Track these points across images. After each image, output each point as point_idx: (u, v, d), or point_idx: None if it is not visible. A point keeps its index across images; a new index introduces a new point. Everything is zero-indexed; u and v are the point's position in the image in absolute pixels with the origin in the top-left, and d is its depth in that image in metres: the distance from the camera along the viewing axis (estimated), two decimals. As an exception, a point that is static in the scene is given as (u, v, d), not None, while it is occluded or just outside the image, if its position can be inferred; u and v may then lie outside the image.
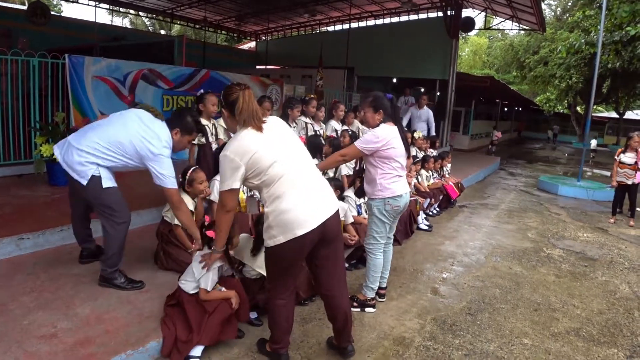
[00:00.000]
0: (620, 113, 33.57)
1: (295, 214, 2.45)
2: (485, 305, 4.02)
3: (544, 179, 11.46)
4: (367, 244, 3.69)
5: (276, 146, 2.52)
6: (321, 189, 2.63)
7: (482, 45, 41.84)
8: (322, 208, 2.55)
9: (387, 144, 3.41)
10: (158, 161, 3.22)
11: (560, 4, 34.01)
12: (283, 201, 2.46)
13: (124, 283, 3.44)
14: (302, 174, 2.55)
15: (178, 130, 3.37)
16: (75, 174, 3.20)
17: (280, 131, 2.63)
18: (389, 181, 3.50)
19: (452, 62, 15.01)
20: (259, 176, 2.48)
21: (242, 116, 2.51)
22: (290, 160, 2.54)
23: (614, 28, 15.84)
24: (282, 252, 2.52)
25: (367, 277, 3.67)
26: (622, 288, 4.80)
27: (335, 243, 2.68)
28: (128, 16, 26.16)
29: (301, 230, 2.45)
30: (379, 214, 3.56)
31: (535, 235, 6.63)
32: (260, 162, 2.45)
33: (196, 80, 8.45)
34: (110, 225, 3.34)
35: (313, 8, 16.82)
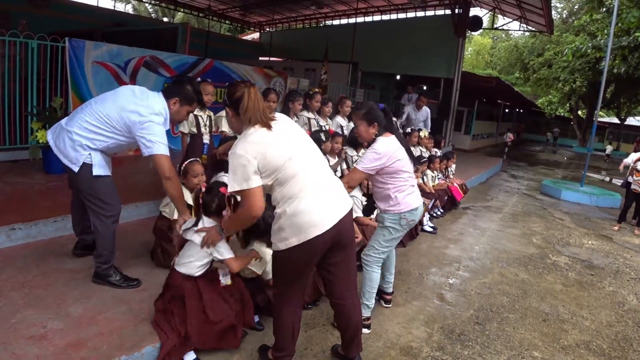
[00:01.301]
0: (622, 119, 33.54)
1: (309, 214, 2.32)
2: (493, 314, 3.89)
3: (547, 183, 11.34)
4: (366, 255, 3.37)
5: (288, 143, 2.38)
6: (334, 187, 2.49)
7: (486, 45, 41.65)
8: (336, 207, 2.42)
9: (392, 158, 3.15)
10: (146, 128, 2.98)
11: (566, 7, 33.84)
12: (296, 201, 2.32)
13: (119, 280, 3.28)
14: (315, 173, 2.42)
15: (177, 100, 3.16)
16: (67, 160, 3.05)
17: (289, 128, 2.48)
18: (404, 194, 3.26)
19: (457, 61, 14.83)
20: (273, 174, 2.32)
21: (247, 114, 2.36)
22: (303, 158, 2.39)
23: (621, 33, 15.69)
24: (295, 255, 2.37)
25: (363, 293, 3.33)
26: (630, 299, 4.69)
27: (348, 248, 2.54)
28: (131, 2, 25.86)
29: (316, 231, 2.31)
30: (392, 229, 3.29)
31: (540, 241, 6.50)
32: (273, 161, 2.30)
33: (199, 69, 8.28)
34: (98, 218, 3.18)
35: (320, 0, 16.60)
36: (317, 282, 3.44)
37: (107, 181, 3.17)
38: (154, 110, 3.03)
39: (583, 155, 26.51)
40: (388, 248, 3.37)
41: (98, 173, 3.08)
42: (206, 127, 4.55)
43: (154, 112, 3.02)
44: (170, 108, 3.13)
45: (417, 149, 7.52)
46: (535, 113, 38.88)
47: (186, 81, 3.26)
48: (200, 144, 4.50)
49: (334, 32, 17.53)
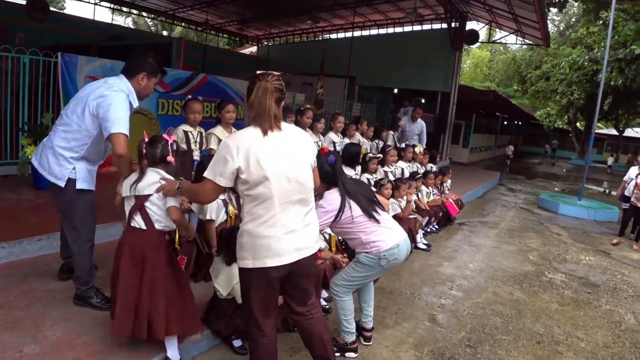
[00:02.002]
0: (620, 130, 33.59)
1: (270, 242, 2.24)
2: (486, 336, 3.80)
3: (544, 197, 11.27)
4: (334, 285, 3.21)
5: (276, 161, 2.22)
6: (306, 227, 2.37)
7: (484, 58, 41.85)
8: (301, 246, 2.32)
9: (344, 213, 3.04)
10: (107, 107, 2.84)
11: (563, 20, 34.01)
12: (263, 226, 2.24)
13: (100, 302, 3.19)
14: (292, 203, 2.29)
15: (144, 74, 3.06)
16: (52, 177, 3.00)
17: (290, 145, 2.31)
18: (378, 232, 3.09)
19: (454, 74, 14.84)
20: (246, 186, 2.23)
21: (252, 112, 2.24)
22: (286, 182, 2.25)
23: (617, 46, 15.75)
24: (250, 276, 2.31)
25: (340, 323, 3.20)
26: (627, 318, 4.60)
27: (305, 279, 2.48)
28: (131, 16, 26.00)
29: (271, 262, 2.24)
30: (368, 267, 3.11)
31: (536, 257, 6.42)
32: (253, 173, 2.19)
33: (193, 84, 8.24)
34: (73, 239, 3.14)
35: (316, 15, 16.65)
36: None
37: (88, 199, 3.13)
38: (114, 87, 2.95)
39: (582, 167, 26.42)
40: (358, 284, 3.22)
41: (81, 187, 3.04)
42: (196, 144, 4.49)
43: (114, 90, 2.93)
44: (139, 84, 3.06)
45: (414, 165, 7.47)
46: (534, 125, 38.99)
47: (146, 54, 3.16)
48: (190, 160, 4.43)
49: (330, 46, 17.56)
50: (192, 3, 16.64)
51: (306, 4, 15.75)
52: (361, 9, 15.86)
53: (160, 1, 16.69)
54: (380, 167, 6.35)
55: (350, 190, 3.11)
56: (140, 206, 2.67)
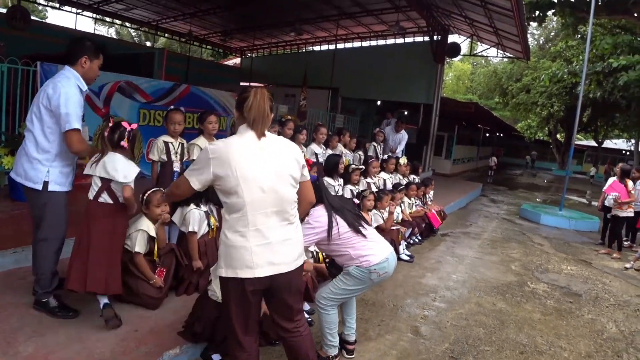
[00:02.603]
0: (599, 142, 34.21)
1: (242, 253, 2.20)
2: (469, 348, 3.77)
3: (526, 208, 11.37)
4: (320, 297, 3.15)
5: (252, 170, 2.19)
6: (285, 239, 2.31)
7: (466, 70, 42.42)
8: (276, 260, 2.25)
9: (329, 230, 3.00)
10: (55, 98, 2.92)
11: (543, 34, 34.68)
12: (236, 234, 2.21)
13: (56, 309, 3.14)
14: (267, 215, 2.24)
15: (86, 57, 3.08)
16: (29, 182, 3.04)
17: (272, 155, 2.28)
18: (367, 247, 3.06)
19: (437, 86, 15.00)
20: (222, 194, 2.25)
21: (251, 113, 2.25)
22: (260, 192, 2.21)
23: (595, 59, 16.08)
24: (226, 285, 2.28)
25: (324, 335, 3.15)
26: (609, 327, 4.62)
27: (288, 296, 2.39)
28: (114, 26, 25.84)
29: (242, 273, 2.20)
30: (358, 280, 3.06)
31: (519, 267, 6.44)
32: (227, 181, 2.18)
33: (175, 95, 8.19)
34: (39, 240, 3.14)
35: (300, 27, 16.75)
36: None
37: (61, 202, 3.14)
38: (59, 77, 3.00)
39: (562, 178, 26.76)
40: (346, 298, 3.16)
41: (54, 189, 3.08)
42: (177, 155, 4.41)
43: (60, 80, 2.99)
44: (82, 68, 3.08)
45: (396, 176, 7.48)
46: (515, 137, 39.51)
47: (83, 39, 3.18)
48: (170, 172, 4.36)
49: (314, 58, 17.66)
50: (175, 14, 16.63)
51: (290, 16, 15.83)
52: (344, 21, 16.00)
53: (144, 12, 16.64)
54: (363, 178, 6.35)
55: (336, 206, 3.09)
56: (107, 187, 3.08)
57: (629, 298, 5.65)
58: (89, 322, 3.12)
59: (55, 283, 3.22)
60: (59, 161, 3.09)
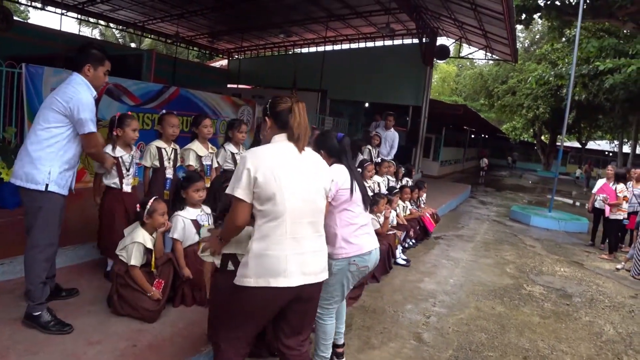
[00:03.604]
0: (583, 143, 34.71)
1: (276, 261, 2.14)
2: (473, 354, 3.73)
3: (516, 209, 11.42)
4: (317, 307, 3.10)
5: (295, 179, 2.20)
6: (315, 250, 2.29)
7: (451, 72, 42.68)
8: (310, 271, 2.23)
9: (343, 185, 2.89)
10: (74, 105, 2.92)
11: (528, 37, 35.07)
12: (270, 243, 2.16)
13: (49, 323, 2.97)
14: (304, 224, 2.23)
15: (90, 66, 3.06)
16: (32, 184, 2.92)
17: (311, 168, 2.31)
18: (353, 234, 2.92)
19: (425, 89, 15.01)
20: (259, 201, 2.17)
21: (297, 130, 2.23)
22: (300, 201, 2.21)
23: (580, 62, 16.27)
24: (248, 297, 2.17)
25: (317, 345, 3.03)
26: (607, 329, 4.63)
27: (310, 303, 2.35)
28: (98, 27, 25.49)
29: (277, 282, 2.13)
30: (342, 277, 2.92)
31: (514, 270, 6.44)
32: (268, 187, 2.13)
33: (165, 97, 8.03)
34: (28, 248, 3.01)
35: (288, 29, 16.67)
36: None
37: (57, 204, 3.04)
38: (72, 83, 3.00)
39: (547, 179, 27.19)
40: (338, 297, 3.04)
41: (53, 189, 2.97)
42: (170, 161, 4.27)
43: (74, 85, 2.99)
44: (87, 76, 3.05)
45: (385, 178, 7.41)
46: (500, 138, 39.91)
47: (88, 45, 3.16)
48: (162, 178, 4.23)
49: (302, 60, 17.59)
50: (162, 15, 16.43)
51: (278, 18, 15.74)
52: (333, 23, 15.96)
53: (130, 13, 16.41)
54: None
55: (355, 173, 3.01)
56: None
57: (623, 299, 5.67)
58: (85, 337, 2.97)
59: (47, 293, 3.05)
60: (60, 163, 3.01)
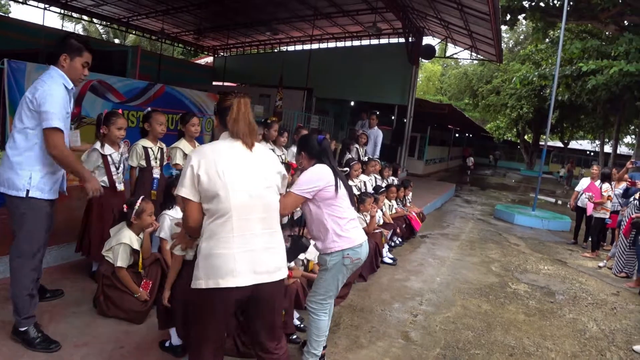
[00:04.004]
0: (565, 143, 35.20)
1: (224, 261, 2.07)
2: (460, 352, 3.76)
3: (500, 208, 11.54)
4: (311, 302, 3.06)
5: (240, 175, 2.14)
6: (268, 248, 2.21)
7: (436, 72, 42.93)
8: (259, 269, 2.14)
9: (328, 182, 2.88)
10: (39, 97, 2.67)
11: (512, 37, 35.40)
12: (218, 242, 2.09)
13: (35, 340, 2.79)
14: (253, 221, 2.16)
15: (66, 55, 2.82)
16: (13, 190, 2.72)
17: (260, 163, 2.24)
18: (344, 227, 2.93)
19: (411, 88, 15.08)
20: (205, 199, 2.12)
21: (236, 127, 2.16)
22: (247, 197, 2.14)
23: (564, 63, 16.49)
24: (202, 299, 2.11)
25: (309, 341, 3.04)
26: (590, 326, 4.70)
27: (270, 310, 2.29)
28: (81, 22, 25.10)
29: (223, 282, 2.05)
30: (336, 271, 2.95)
31: (498, 268, 6.50)
32: (212, 184, 2.08)
33: (150, 95, 7.95)
34: (13, 257, 2.82)
35: (275, 26, 16.61)
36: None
37: (42, 211, 2.82)
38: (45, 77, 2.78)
39: (530, 178, 27.52)
40: (333, 292, 3.04)
41: (34, 195, 2.76)
42: (156, 161, 4.21)
43: (45, 79, 2.76)
44: (62, 67, 2.83)
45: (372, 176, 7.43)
46: (484, 138, 40.32)
47: (67, 36, 2.93)
48: (149, 178, 4.16)
49: (289, 58, 17.54)
50: (147, 11, 16.27)
51: (264, 15, 15.69)
52: (320, 21, 15.94)
53: (115, 8, 16.21)
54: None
55: (338, 172, 3.00)
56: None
57: (605, 297, 5.76)
58: (71, 340, 2.92)
59: (34, 307, 2.88)
60: (42, 165, 2.79)
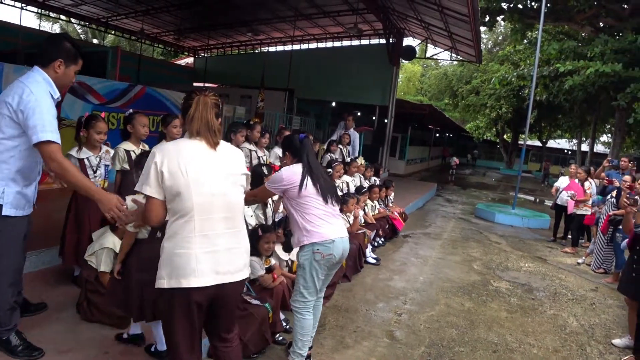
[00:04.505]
0: (543, 142, 35.82)
1: (186, 260, 2.05)
2: (445, 349, 3.80)
3: (481, 207, 11.68)
4: (293, 301, 3.11)
5: (203, 173, 2.11)
6: (231, 248, 2.19)
7: (416, 72, 43.29)
8: (221, 269, 2.13)
9: (292, 183, 2.99)
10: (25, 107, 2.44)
11: (491, 38, 35.91)
12: (180, 241, 2.08)
13: (17, 348, 2.71)
14: (215, 220, 2.14)
15: (61, 62, 2.63)
16: None
17: (223, 161, 2.21)
18: (313, 223, 2.99)
19: (392, 88, 15.17)
20: (168, 197, 2.10)
21: (193, 125, 2.13)
22: (209, 196, 2.11)
23: (542, 64, 16.78)
24: (165, 299, 2.11)
25: (294, 341, 3.07)
26: (571, 322, 4.80)
27: (231, 303, 2.32)
28: (59, 22, 24.68)
29: (185, 282, 2.04)
30: (309, 267, 2.99)
31: (480, 267, 6.59)
32: (175, 181, 2.06)
33: (130, 96, 7.87)
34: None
35: (256, 27, 16.56)
36: (264, 329, 3.21)
37: (17, 228, 2.67)
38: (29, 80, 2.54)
39: (510, 177, 27.91)
40: (312, 289, 3.04)
41: (7, 213, 2.58)
42: (139, 164, 4.18)
43: (30, 83, 2.52)
44: (55, 73, 2.64)
45: (357, 178, 7.46)
46: (464, 137, 40.81)
47: (60, 37, 2.76)
48: (132, 181, 4.09)
49: (270, 59, 17.49)
50: (127, 11, 16.07)
51: (245, 16, 15.63)
52: (301, 22, 15.93)
53: (94, 8, 15.96)
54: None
55: (313, 169, 3.06)
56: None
57: (584, 292, 5.88)
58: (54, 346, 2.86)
59: (16, 319, 2.78)
60: (17, 180, 2.62)
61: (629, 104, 14.13)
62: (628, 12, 14.61)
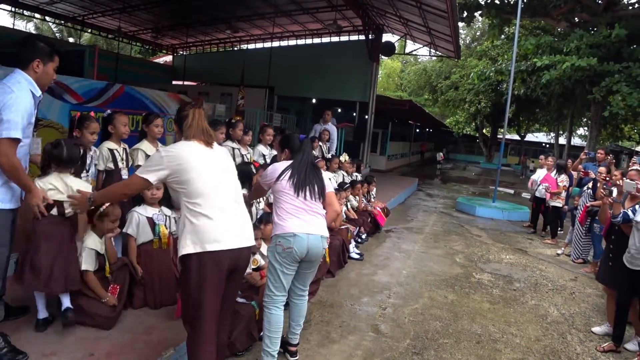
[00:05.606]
0: (522, 135, 36.33)
1: (213, 227, 2.38)
2: (429, 342, 3.86)
3: (461, 201, 11.82)
4: (264, 297, 3.09)
5: (209, 164, 2.50)
6: (243, 219, 2.58)
7: (396, 68, 43.49)
8: (241, 235, 2.49)
9: (273, 177, 3.13)
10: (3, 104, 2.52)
11: (469, 34, 36.25)
12: (204, 217, 2.38)
13: (2, 351, 2.69)
14: (228, 200, 2.51)
15: (39, 61, 2.71)
16: None
17: (221, 157, 2.63)
18: (282, 217, 3.03)
19: (372, 84, 15.24)
20: (182, 186, 2.43)
21: (190, 131, 2.52)
22: (218, 180, 2.50)
23: (519, 58, 17.01)
24: (198, 267, 2.34)
25: (263, 338, 3.04)
26: (552, 311, 4.91)
27: (239, 275, 2.64)
28: (33, 20, 24.17)
29: (215, 246, 2.34)
30: (272, 259, 3.02)
31: (463, 259, 6.68)
32: (186, 173, 2.40)
33: (109, 95, 7.71)
34: None
35: (235, 24, 16.45)
36: (251, 327, 3.22)
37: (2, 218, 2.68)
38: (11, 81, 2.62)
39: (489, 171, 28.28)
40: (278, 284, 3.02)
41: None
42: (123, 162, 4.10)
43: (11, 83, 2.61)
44: (35, 72, 2.71)
45: (340, 173, 7.50)
46: (444, 132, 41.15)
47: (33, 39, 2.83)
48: (118, 180, 4.07)
49: (249, 56, 17.39)
50: (103, 9, 15.81)
51: (224, 13, 15.53)
52: (280, 19, 15.89)
53: (69, 6, 15.65)
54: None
55: (297, 166, 3.15)
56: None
57: (564, 282, 6.01)
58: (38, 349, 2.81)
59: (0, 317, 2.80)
60: (2, 173, 2.64)
61: (604, 97, 14.41)
62: (602, 8, 14.89)
